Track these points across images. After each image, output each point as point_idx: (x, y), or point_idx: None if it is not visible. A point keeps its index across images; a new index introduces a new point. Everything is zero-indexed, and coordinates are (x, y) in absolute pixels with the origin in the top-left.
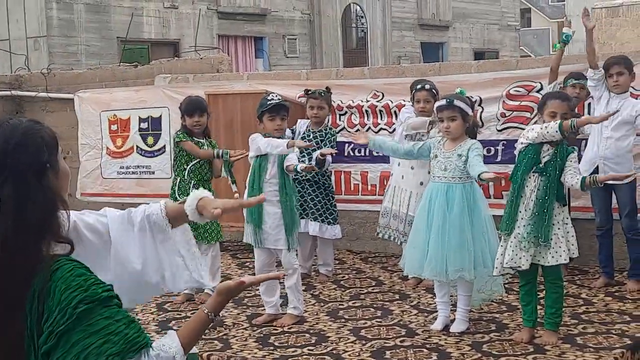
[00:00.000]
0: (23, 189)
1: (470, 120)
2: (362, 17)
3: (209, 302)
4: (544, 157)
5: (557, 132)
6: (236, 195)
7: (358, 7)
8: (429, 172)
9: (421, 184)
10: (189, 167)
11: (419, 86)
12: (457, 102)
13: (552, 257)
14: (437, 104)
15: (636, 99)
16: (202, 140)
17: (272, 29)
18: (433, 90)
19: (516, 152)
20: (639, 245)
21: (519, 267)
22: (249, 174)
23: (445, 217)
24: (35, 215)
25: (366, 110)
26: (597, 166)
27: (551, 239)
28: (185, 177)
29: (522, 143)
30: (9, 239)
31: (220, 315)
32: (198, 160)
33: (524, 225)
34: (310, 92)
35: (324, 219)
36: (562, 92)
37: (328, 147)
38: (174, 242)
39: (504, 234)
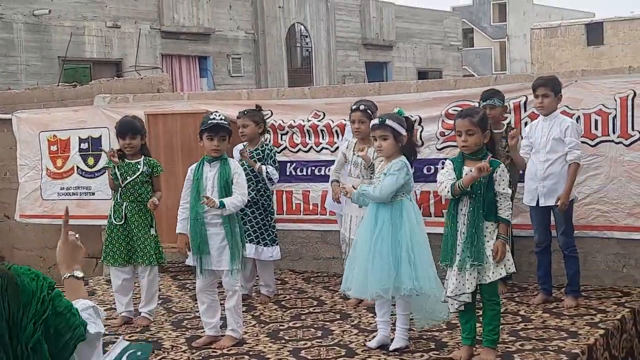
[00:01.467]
0: None
1: (404, 140)
2: (306, 36)
3: (62, 269)
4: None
5: (449, 192)
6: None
7: (302, 27)
8: None
9: (360, 206)
10: (119, 189)
11: (354, 107)
12: (389, 122)
13: (493, 272)
14: (371, 122)
15: (571, 117)
16: (132, 162)
17: (216, 48)
18: (368, 111)
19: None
20: (575, 262)
21: (464, 293)
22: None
23: (391, 233)
24: None
25: (307, 130)
26: (538, 192)
27: (485, 257)
28: (119, 200)
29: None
30: None
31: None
32: (129, 181)
33: (462, 250)
34: (238, 113)
35: (260, 240)
36: (464, 109)
37: (269, 163)
38: None
39: (445, 264)
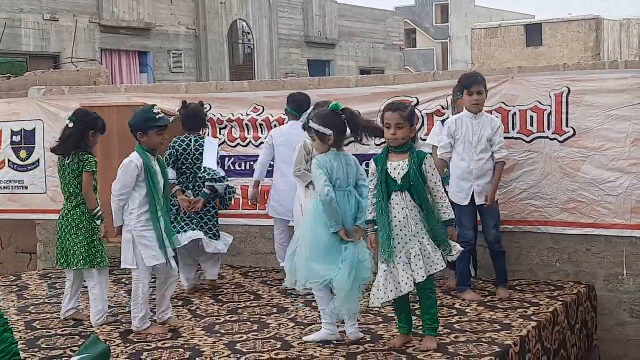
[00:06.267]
0: None
1: (330, 139)
2: (249, 33)
3: None
4: (398, 174)
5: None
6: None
7: (245, 24)
8: None
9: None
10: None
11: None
12: (311, 124)
13: (437, 263)
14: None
15: (507, 114)
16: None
17: (157, 44)
18: None
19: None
20: (504, 255)
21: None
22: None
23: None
24: None
25: (247, 124)
26: (473, 191)
27: (430, 248)
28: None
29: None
30: None
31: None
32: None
33: (419, 241)
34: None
35: (207, 232)
36: (395, 103)
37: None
38: None
39: (385, 260)
